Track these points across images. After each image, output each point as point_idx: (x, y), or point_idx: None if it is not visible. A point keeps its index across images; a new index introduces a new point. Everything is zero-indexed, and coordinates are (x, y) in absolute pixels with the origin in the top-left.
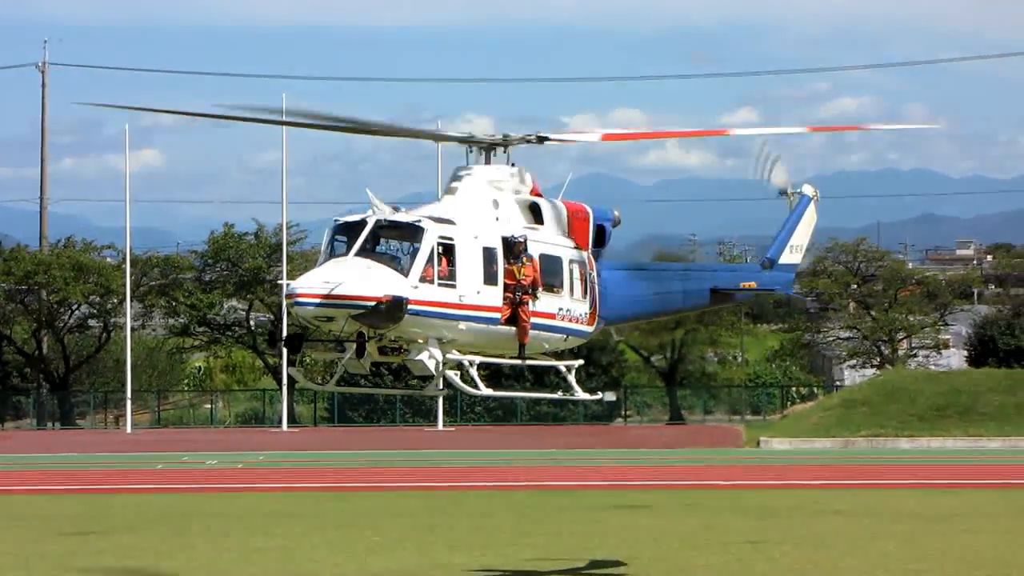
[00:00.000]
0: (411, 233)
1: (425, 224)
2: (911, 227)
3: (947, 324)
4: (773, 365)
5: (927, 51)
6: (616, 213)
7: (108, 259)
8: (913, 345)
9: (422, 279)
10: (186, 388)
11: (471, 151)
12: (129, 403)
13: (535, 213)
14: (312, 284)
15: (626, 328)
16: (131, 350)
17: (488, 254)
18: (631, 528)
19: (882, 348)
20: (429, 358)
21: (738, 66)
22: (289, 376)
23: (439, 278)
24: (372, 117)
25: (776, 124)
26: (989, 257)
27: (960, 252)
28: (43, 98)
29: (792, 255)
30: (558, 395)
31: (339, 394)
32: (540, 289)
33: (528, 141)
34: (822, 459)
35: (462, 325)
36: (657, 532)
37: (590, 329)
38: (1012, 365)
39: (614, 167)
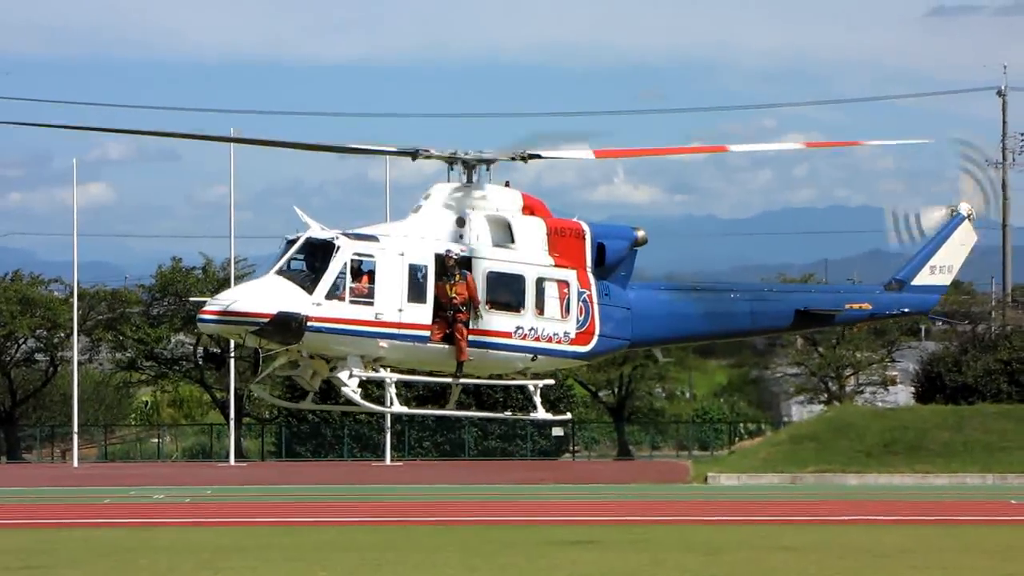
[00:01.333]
0: (326, 250)
1: (340, 242)
2: (859, 263)
3: (894, 360)
4: (721, 400)
5: (873, 87)
6: (640, 233)
7: (55, 293)
8: (860, 381)
9: (330, 296)
10: (133, 423)
11: (452, 169)
12: (76, 437)
13: (509, 231)
14: (215, 301)
15: (673, 349)
16: (78, 384)
17: (415, 271)
18: (579, 564)
19: (829, 384)
20: (350, 377)
21: (686, 102)
22: (237, 410)
23: (353, 295)
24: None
25: (724, 160)
26: None
27: None
28: None
29: (935, 276)
30: (505, 415)
31: (287, 428)
32: (481, 307)
33: (514, 159)
34: (770, 495)
35: (383, 343)
36: (605, 568)
37: (580, 349)
38: (959, 402)
39: (563, 202)
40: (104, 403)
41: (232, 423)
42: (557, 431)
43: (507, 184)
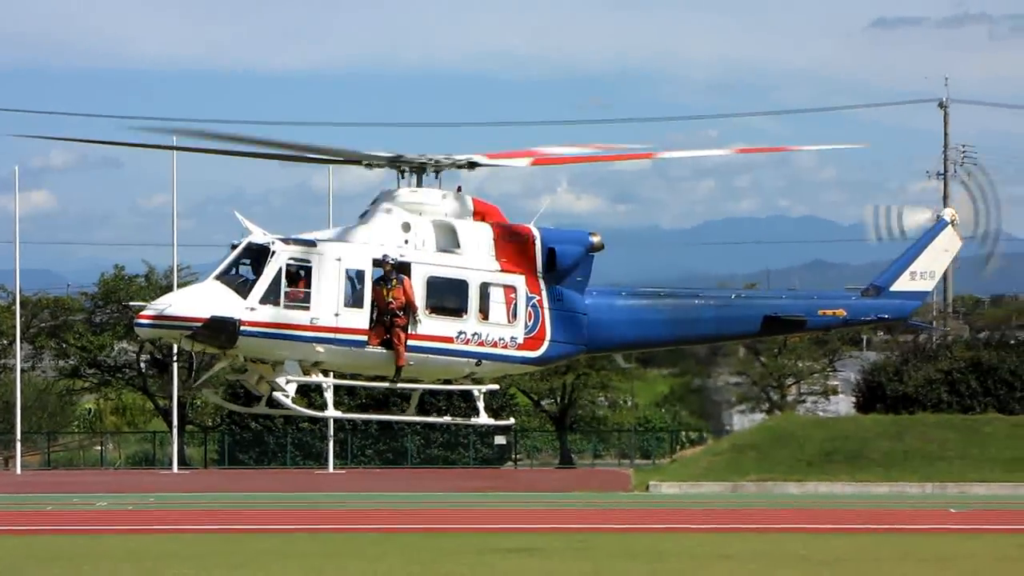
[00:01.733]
0: (262, 255)
1: (276, 247)
2: (801, 273)
3: (836, 370)
4: (663, 410)
5: (816, 99)
6: (595, 239)
7: None
8: (802, 391)
9: (265, 300)
10: (76, 430)
11: (403, 175)
12: (19, 444)
13: (454, 236)
14: (152, 306)
15: (634, 355)
16: (21, 392)
17: (352, 276)
18: (520, 571)
19: (771, 394)
20: (287, 382)
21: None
22: (180, 417)
23: (288, 300)
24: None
25: (666, 170)
26: None
27: None
28: None
29: (915, 282)
30: (445, 419)
31: (230, 436)
32: (421, 312)
33: (460, 166)
34: (711, 503)
35: (319, 347)
36: None
37: (529, 354)
38: (900, 411)
39: (508, 211)
40: (47, 410)
41: (175, 431)
42: (499, 439)
43: (459, 190)
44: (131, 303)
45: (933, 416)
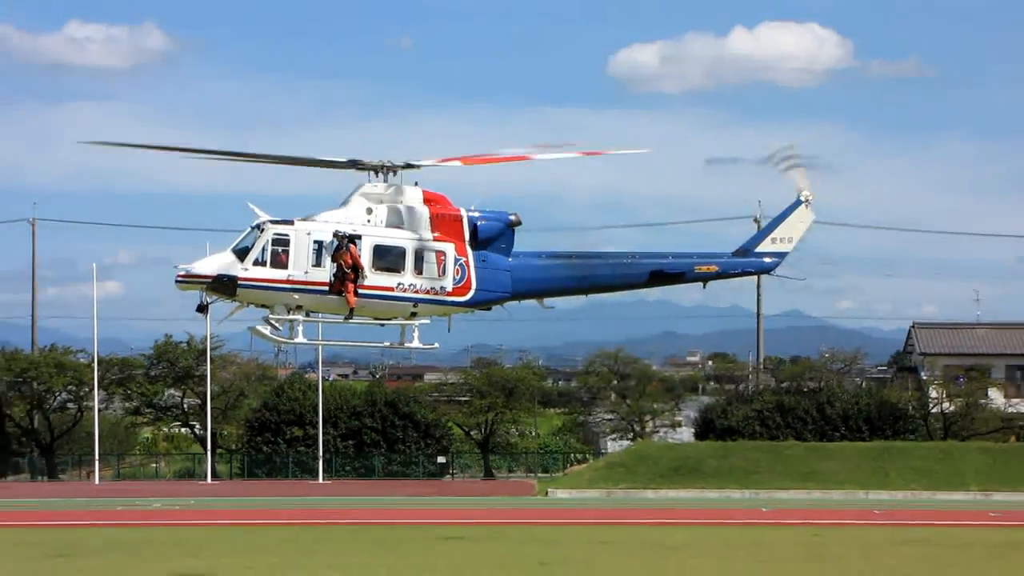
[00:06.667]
0: (258, 231)
1: (265, 226)
2: (655, 341)
3: (680, 409)
4: (558, 438)
5: (667, 215)
6: (512, 217)
7: (81, 360)
8: (656, 424)
9: (257, 263)
10: (138, 452)
11: (376, 174)
12: (97, 463)
13: (400, 216)
14: (183, 267)
15: (548, 299)
16: (98, 425)
17: (318, 245)
18: (454, 552)
19: (635, 426)
20: (279, 320)
21: (534, 225)
22: (212, 443)
23: (272, 262)
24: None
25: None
26: (710, 362)
27: (690, 359)
28: (33, 244)
29: (776, 245)
30: (386, 344)
31: (248, 456)
32: (366, 269)
33: (410, 166)
34: (592, 504)
35: (295, 295)
36: (472, 557)
37: (458, 299)
38: (726, 439)
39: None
40: (116, 438)
41: (209, 453)
42: (441, 459)
43: (416, 184)
44: (176, 265)
45: (749, 442)
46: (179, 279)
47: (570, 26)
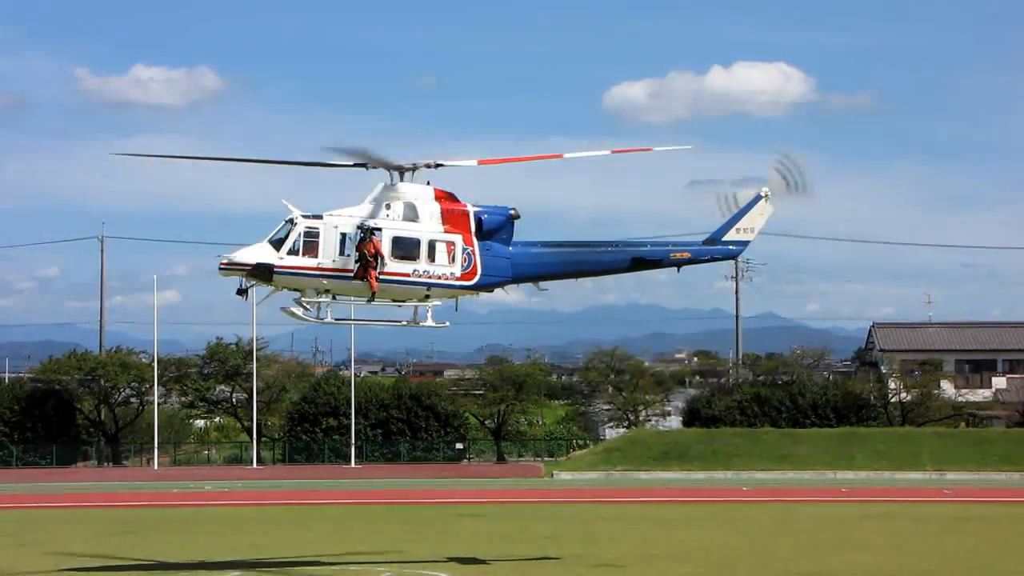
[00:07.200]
0: (291, 225)
1: (298, 220)
2: (647, 340)
3: (669, 400)
4: (561, 426)
5: (654, 231)
6: (513, 212)
7: (143, 360)
8: (648, 413)
9: (290, 252)
10: (192, 440)
11: (400, 174)
12: (156, 450)
13: (415, 211)
14: (225, 257)
15: (543, 282)
16: (157, 417)
17: (343, 236)
18: (471, 528)
19: (629, 415)
20: (310, 302)
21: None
22: (257, 433)
23: (304, 252)
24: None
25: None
26: (695, 359)
27: (677, 356)
28: (102, 259)
29: (740, 235)
30: (403, 323)
31: (289, 443)
32: (386, 258)
33: (428, 167)
34: (593, 485)
35: (324, 281)
36: (486, 533)
37: (465, 283)
38: (710, 427)
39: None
40: (173, 428)
41: (254, 441)
42: (459, 446)
43: (428, 183)
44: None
45: (730, 429)
46: (222, 267)
47: (570, 65)
